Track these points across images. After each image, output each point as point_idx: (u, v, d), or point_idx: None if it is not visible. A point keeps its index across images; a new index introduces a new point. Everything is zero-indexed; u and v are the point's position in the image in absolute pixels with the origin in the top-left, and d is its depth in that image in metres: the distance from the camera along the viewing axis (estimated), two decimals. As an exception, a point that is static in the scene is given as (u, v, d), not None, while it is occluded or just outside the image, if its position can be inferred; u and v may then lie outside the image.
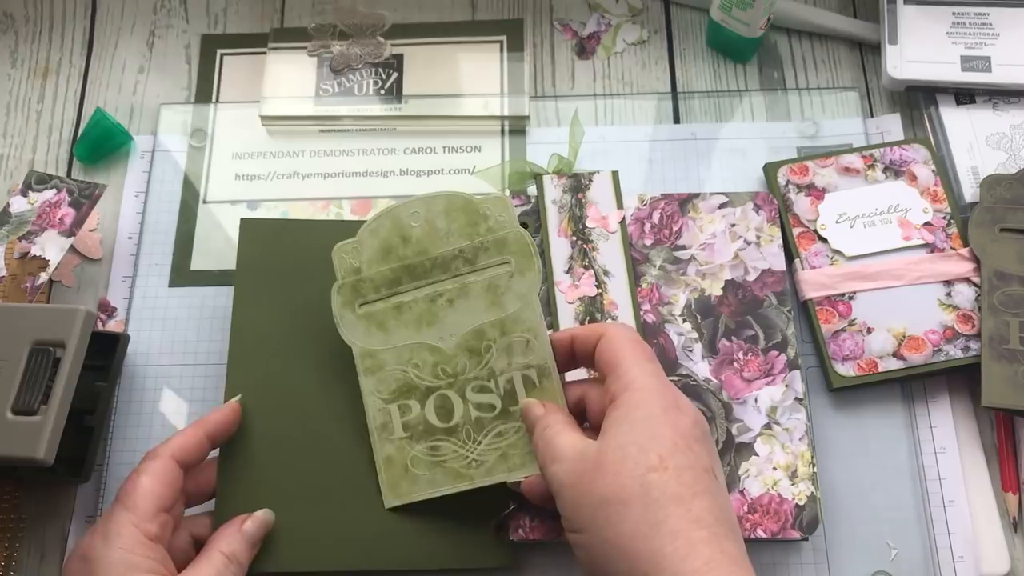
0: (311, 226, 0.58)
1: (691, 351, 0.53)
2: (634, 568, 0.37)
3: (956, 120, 0.60)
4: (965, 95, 0.61)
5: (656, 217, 0.57)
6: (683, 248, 0.56)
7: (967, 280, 0.54)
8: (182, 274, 0.60)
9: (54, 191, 0.60)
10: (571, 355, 0.48)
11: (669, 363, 0.53)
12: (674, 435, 0.40)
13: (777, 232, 0.56)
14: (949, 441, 0.53)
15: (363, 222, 0.53)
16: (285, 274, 0.56)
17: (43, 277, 0.56)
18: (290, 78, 0.65)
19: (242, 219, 0.57)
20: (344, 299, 0.51)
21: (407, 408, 0.50)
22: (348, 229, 0.55)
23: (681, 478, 0.39)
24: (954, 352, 0.53)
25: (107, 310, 0.59)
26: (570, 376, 0.50)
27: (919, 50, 0.62)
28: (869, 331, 0.54)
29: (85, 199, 0.59)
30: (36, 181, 0.61)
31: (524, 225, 0.56)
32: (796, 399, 0.52)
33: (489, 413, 0.49)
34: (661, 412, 0.41)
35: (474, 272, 0.50)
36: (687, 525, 0.37)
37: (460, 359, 0.50)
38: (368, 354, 0.51)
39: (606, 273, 0.55)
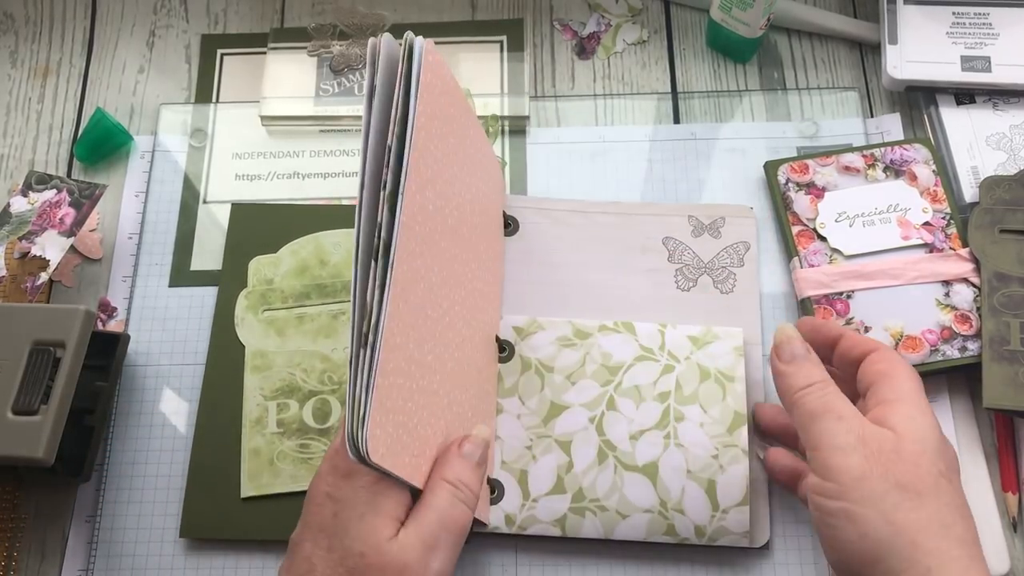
0: (298, 211, 0.60)
1: None
2: (916, 560, 0.38)
3: (956, 120, 0.60)
4: (965, 95, 0.61)
5: None
6: None
7: (965, 280, 0.54)
8: (182, 274, 0.60)
9: (54, 191, 0.60)
10: (830, 347, 0.48)
11: None
12: (949, 458, 0.42)
13: None
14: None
15: (353, 208, 0.57)
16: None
17: (43, 277, 0.57)
18: (290, 78, 0.65)
19: (233, 204, 0.61)
20: (249, 303, 0.57)
21: (285, 407, 0.54)
22: (333, 214, 0.60)
23: (958, 497, 0.40)
24: (951, 352, 0.53)
25: (107, 310, 0.59)
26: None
27: (919, 50, 0.62)
28: (867, 330, 0.54)
29: (85, 199, 0.59)
30: (36, 181, 0.61)
31: None
32: None
33: None
34: (940, 433, 0.42)
35: None
36: (970, 539, 0.39)
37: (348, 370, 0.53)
38: (259, 354, 0.55)
39: None
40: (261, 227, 0.60)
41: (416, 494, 0.44)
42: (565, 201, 0.59)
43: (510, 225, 0.58)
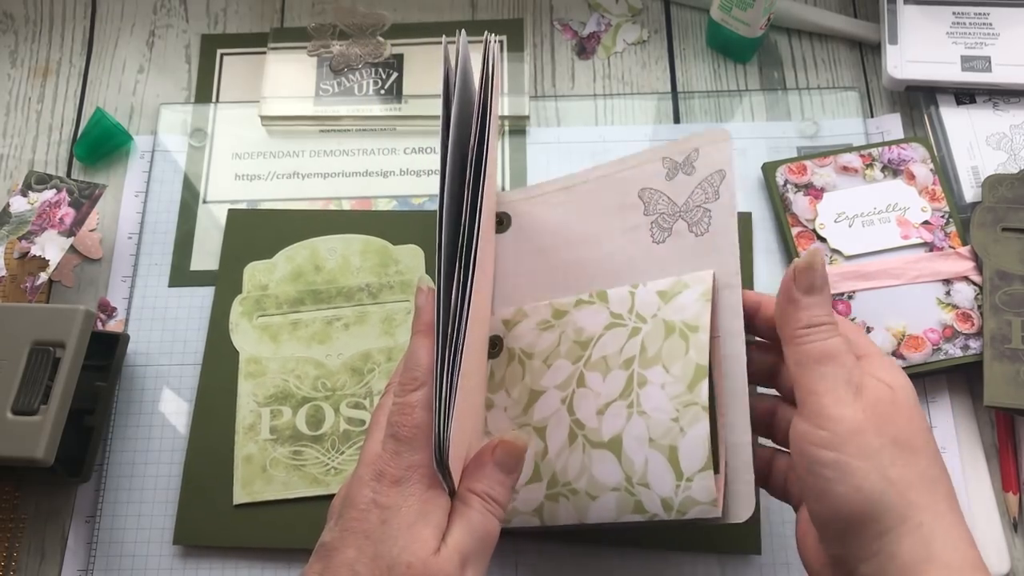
0: (294, 216, 0.60)
1: None
2: (908, 516, 0.38)
3: (956, 120, 0.60)
4: (965, 95, 0.61)
5: None
6: None
7: (966, 279, 0.54)
8: (182, 274, 0.60)
9: (54, 191, 0.60)
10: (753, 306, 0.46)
11: None
12: (924, 414, 0.42)
13: None
14: (949, 441, 0.53)
15: (350, 213, 0.59)
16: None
17: (43, 277, 0.56)
18: (290, 78, 0.65)
19: (229, 210, 0.61)
20: (244, 309, 0.57)
21: (279, 413, 0.54)
22: (329, 219, 0.60)
23: (939, 452, 0.40)
24: (953, 351, 0.53)
25: (107, 310, 0.59)
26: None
27: (919, 50, 0.62)
28: (868, 330, 0.54)
29: (85, 199, 0.59)
30: (36, 181, 0.61)
31: None
32: None
33: (358, 427, 0.54)
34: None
35: (375, 304, 0.56)
36: (952, 494, 0.39)
37: (342, 376, 0.55)
38: (253, 360, 0.55)
39: None
40: (257, 232, 0.60)
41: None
42: (551, 181, 0.56)
43: (502, 222, 0.56)
